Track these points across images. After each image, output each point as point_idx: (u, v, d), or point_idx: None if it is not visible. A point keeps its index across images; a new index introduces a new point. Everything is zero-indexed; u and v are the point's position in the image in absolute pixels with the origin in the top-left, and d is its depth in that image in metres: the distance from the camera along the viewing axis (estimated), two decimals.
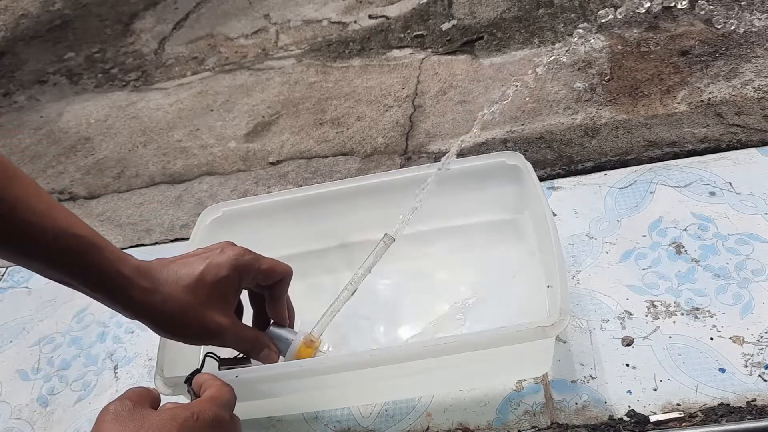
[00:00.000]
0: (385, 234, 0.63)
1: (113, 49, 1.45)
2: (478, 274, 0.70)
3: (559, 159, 0.85)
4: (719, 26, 0.76)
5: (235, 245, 0.54)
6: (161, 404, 0.45)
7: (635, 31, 1.02)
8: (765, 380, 0.56)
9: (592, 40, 0.65)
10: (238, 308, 0.57)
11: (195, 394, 0.48)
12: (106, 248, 0.46)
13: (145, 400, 0.44)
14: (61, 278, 0.45)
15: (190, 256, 0.52)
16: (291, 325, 0.58)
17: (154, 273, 0.48)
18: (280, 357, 0.56)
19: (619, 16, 0.55)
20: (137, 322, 0.49)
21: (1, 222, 0.42)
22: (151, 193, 1.02)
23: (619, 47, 1.00)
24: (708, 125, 0.82)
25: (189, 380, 0.50)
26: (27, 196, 0.43)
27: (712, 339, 0.60)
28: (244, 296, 0.57)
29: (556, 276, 0.53)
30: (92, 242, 0.45)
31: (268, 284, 0.55)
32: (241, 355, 0.55)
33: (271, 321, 0.58)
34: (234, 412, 0.48)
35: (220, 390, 0.46)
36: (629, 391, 0.58)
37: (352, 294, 0.61)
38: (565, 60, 0.69)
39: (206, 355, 0.54)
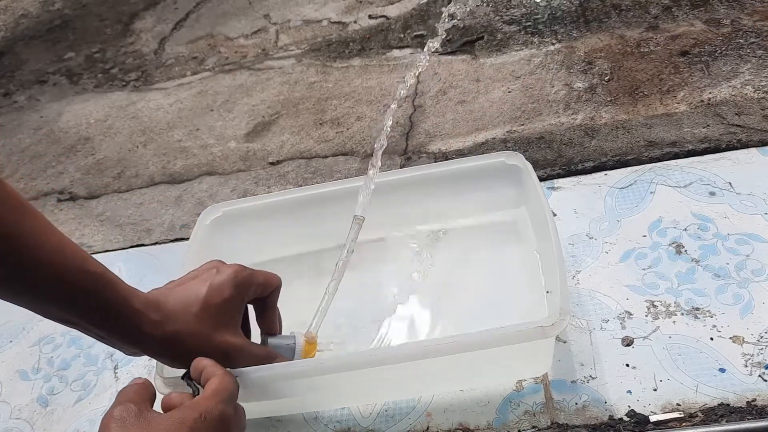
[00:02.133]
0: (355, 216, 0.63)
1: (113, 49, 1.45)
2: (478, 274, 0.70)
3: (559, 159, 0.85)
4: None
5: (225, 263, 0.53)
6: (165, 387, 0.45)
7: (635, 31, 1.02)
8: (765, 380, 0.56)
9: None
10: (245, 325, 0.56)
11: (196, 384, 0.48)
12: (118, 284, 0.46)
13: (146, 399, 0.43)
14: (69, 317, 0.44)
15: (188, 281, 0.51)
16: (280, 332, 0.59)
17: (161, 305, 0.48)
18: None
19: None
20: None
21: (12, 260, 0.40)
22: (151, 193, 1.02)
23: (619, 47, 1.00)
24: (708, 125, 0.82)
25: (187, 374, 0.49)
26: (38, 233, 0.42)
27: (712, 339, 0.60)
28: None
29: (556, 276, 0.53)
30: (105, 278, 0.45)
31: (263, 296, 0.55)
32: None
33: (258, 332, 0.58)
34: None
35: (222, 382, 0.46)
36: (629, 391, 0.58)
37: (338, 285, 0.61)
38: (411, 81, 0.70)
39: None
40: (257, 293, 0.54)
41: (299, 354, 0.57)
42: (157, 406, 0.45)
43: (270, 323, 0.57)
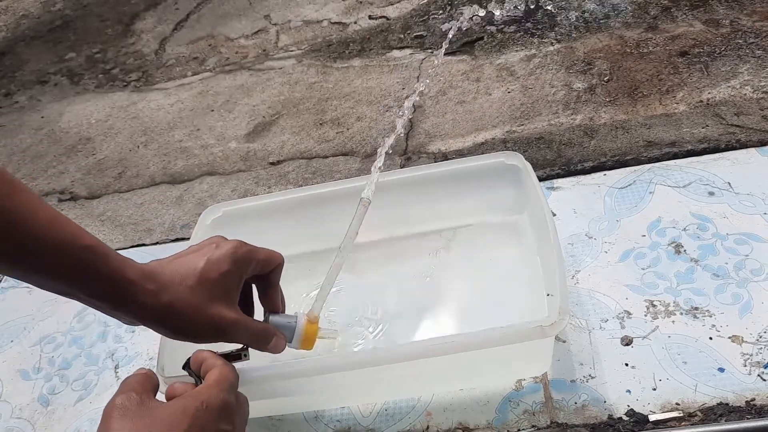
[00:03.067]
0: (361, 198, 0.63)
1: (114, 49, 1.45)
2: (478, 274, 0.70)
3: (558, 159, 0.85)
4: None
5: (227, 239, 0.54)
6: (166, 386, 0.45)
7: (635, 31, 1.02)
8: (764, 380, 0.56)
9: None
10: (248, 303, 0.57)
11: (196, 375, 0.48)
12: (111, 255, 0.46)
13: (149, 389, 0.44)
14: (64, 289, 0.45)
15: (187, 254, 0.51)
16: (284, 311, 0.58)
17: (157, 275, 0.48)
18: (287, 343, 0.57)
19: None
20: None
21: (4, 235, 0.41)
22: (151, 193, 1.02)
23: (619, 48, 1.00)
24: (707, 125, 0.83)
25: (188, 364, 0.50)
26: (29, 208, 0.42)
27: (711, 339, 0.60)
28: None
29: (556, 276, 0.54)
30: (97, 250, 0.45)
31: (264, 273, 0.55)
32: (240, 346, 0.55)
33: (263, 310, 0.58)
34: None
35: (222, 372, 0.46)
36: (628, 391, 0.58)
37: (342, 264, 0.60)
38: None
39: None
40: (257, 270, 0.54)
41: (299, 334, 0.56)
42: (161, 398, 0.45)
43: (272, 301, 0.57)
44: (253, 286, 0.57)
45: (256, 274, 0.55)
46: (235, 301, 0.52)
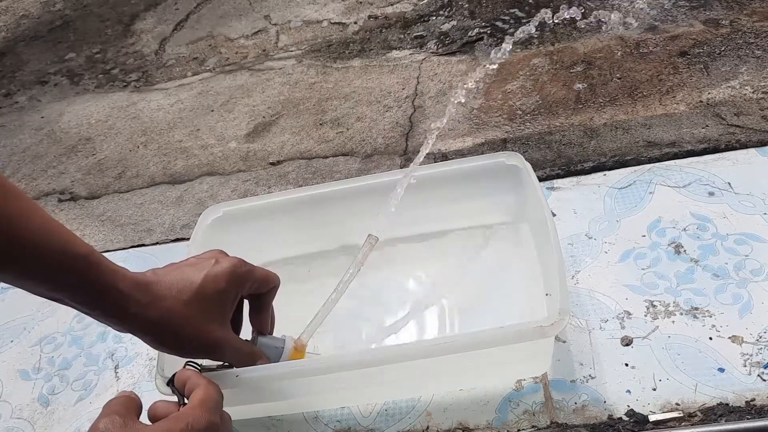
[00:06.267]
0: (369, 235, 0.63)
1: (114, 49, 1.45)
2: (478, 275, 0.70)
3: (558, 159, 0.85)
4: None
5: (228, 255, 0.53)
6: (150, 403, 0.45)
7: (634, 31, 1.02)
8: (764, 380, 0.56)
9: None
10: (237, 318, 0.56)
11: (180, 394, 0.48)
12: (102, 264, 0.45)
13: (132, 411, 0.43)
14: (55, 296, 0.44)
15: (185, 267, 0.51)
16: (271, 333, 0.59)
17: (151, 287, 0.47)
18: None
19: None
20: None
21: None
22: (151, 193, 1.02)
23: (618, 48, 1.00)
24: (707, 126, 0.83)
25: (172, 381, 0.50)
26: (22, 213, 0.41)
27: (711, 339, 0.60)
28: None
29: (556, 276, 0.54)
30: (89, 259, 0.44)
31: (259, 293, 0.55)
32: (224, 363, 0.55)
33: (252, 329, 0.58)
34: (234, 411, 0.48)
35: (207, 392, 0.46)
36: (628, 391, 0.58)
37: (340, 297, 0.61)
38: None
39: (186, 363, 0.53)
40: (253, 289, 0.54)
41: (285, 358, 0.57)
42: (144, 419, 0.45)
43: (262, 322, 0.57)
44: (245, 302, 0.57)
45: (251, 293, 0.54)
46: (228, 319, 0.52)
